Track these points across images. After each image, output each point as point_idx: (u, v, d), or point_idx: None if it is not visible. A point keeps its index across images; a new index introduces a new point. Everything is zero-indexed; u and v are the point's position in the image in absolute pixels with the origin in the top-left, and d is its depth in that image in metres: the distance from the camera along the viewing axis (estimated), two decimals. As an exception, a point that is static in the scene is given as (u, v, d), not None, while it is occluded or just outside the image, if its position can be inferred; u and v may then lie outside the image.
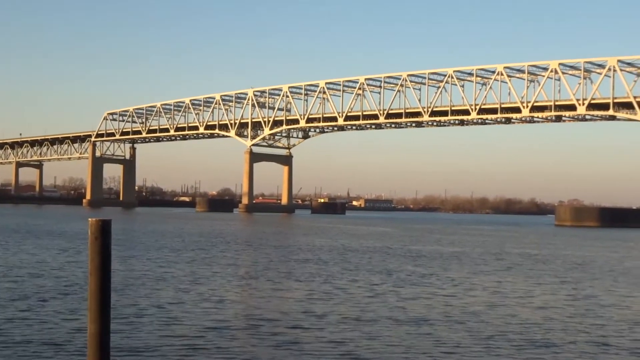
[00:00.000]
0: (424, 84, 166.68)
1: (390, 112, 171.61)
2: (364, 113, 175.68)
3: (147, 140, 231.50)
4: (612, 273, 40.07)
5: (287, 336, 18.70)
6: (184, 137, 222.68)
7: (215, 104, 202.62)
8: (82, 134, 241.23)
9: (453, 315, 23.05)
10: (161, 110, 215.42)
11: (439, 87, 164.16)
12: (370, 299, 26.26)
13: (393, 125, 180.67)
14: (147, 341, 17.55)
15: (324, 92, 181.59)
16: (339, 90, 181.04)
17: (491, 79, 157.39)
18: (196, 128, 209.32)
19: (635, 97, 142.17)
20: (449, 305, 25.17)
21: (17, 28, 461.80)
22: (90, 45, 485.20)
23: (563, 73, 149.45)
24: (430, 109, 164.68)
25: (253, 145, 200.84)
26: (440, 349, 17.69)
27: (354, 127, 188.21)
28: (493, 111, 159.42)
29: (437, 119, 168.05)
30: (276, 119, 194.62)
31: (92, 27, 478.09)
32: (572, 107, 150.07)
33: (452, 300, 26.70)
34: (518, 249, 61.16)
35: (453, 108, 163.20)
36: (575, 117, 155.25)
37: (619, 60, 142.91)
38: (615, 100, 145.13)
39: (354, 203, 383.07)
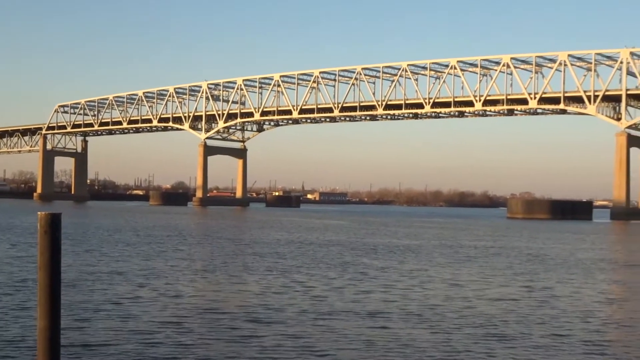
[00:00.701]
0: (378, 77, 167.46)
1: (345, 105, 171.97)
2: (319, 106, 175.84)
3: (99, 133, 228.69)
4: (565, 265, 40.57)
5: (245, 330, 18.50)
6: (137, 130, 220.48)
7: (169, 96, 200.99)
8: (32, 127, 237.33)
9: (411, 307, 23.06)
10: (114, 102, 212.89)
11: (393, 81, 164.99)
12: (327, 292, 26.16)
13: (347, 119, 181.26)
14: (102, 337, 17.20)
15: (279, 85, 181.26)
16: (294, 84, 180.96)
17: (445, 72, 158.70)
18: (150, 121, 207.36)
19: (585, 92, 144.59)
20: (406, 298, 25.19)
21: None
22: (40, 37, 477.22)
23: (515, 67, 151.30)
24: (384, 103, 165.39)
25: (207, 138, 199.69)
26: (398, 341, 17.65)
27: (308, 121, 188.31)
28: (447, 105, 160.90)
29: (392, 112, 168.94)
30: (230, 112, 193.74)
31: (41, 18, 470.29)
32: (523, 101, 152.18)
33: (410, 292, 26.73)
34: (472, 241, 61.70)
35: (407, 101, 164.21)
36: (527, 110, 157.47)
37: (569, 55, 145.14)
38: (566, 95, 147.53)
39: (309, 196, 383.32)
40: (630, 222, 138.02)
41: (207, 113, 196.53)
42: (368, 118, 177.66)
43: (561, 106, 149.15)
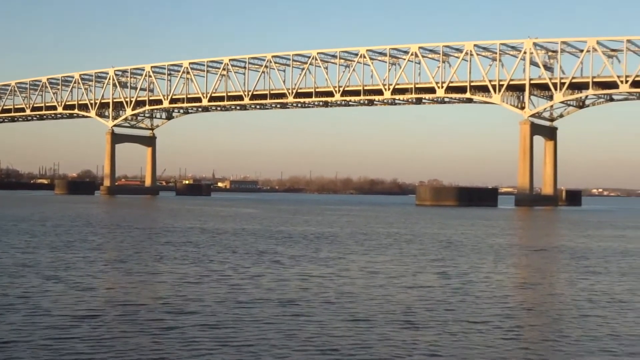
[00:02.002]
0: (289, 65, 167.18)
1: (255, 93, 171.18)
2: (229, 94, 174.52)
3: (1, 120, 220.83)
4: (477, 250, 41.42)
5: (163, 322, 18.10)
6: (42, 117, 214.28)
7: (75, 83, 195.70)
8: None
9: (328, 295, 23.08)
10: (16, 89, 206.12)
11: (303, 69, 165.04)
12: (244, 281, 25.94)
13: (258, 107, 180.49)
14: (10, 334, 16.51)
15: (188, 73, 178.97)
16: (203, 71, 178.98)
17: (354, 61, 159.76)
18: (54, 108, 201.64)
19: (490, 81, 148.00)
20: (323, 286, 25.20)
21: None
22: None
23: (423, 57, 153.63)
24: (294, 91, 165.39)
25: (115, 126, 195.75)
26: (315, 330, 17.61)
27: (218, 108, 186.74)
28: (356, 93, 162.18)
29: (302, 100, 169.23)
30: (139, 99, 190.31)
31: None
32: (431, 90, 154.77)
33: (326, 281, 26.76)
34: (385, 229, 62.38)
35: (317, 90, 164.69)
36: (435, 99, 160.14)
37: (475, 45, 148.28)
38: (472, 84, 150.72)
39: (220, 184, 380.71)
40: (533, 208, 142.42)
41: (115, 100, 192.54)
42: (278, 106, 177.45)
43: (467, 95, 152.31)
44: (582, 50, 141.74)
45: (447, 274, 29.67)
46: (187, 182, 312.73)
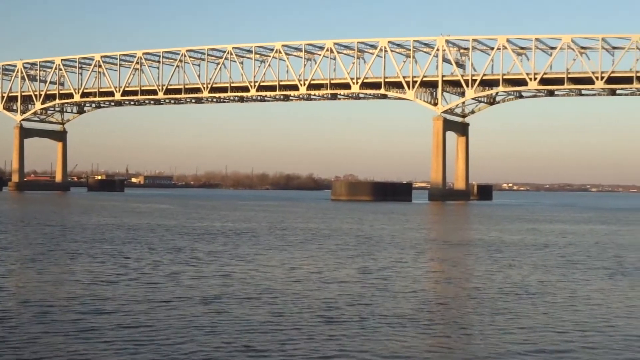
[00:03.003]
0: (204, 59, 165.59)
1: (169, 87, 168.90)
2: (143, 88, 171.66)
3: None
4: (396, 245, 41.86)
5: (79, 323, 17.56)
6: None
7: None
8: None
9: (248, 292, 22.90)
10: None
11: (218, 64, 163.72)
12: (162, 279, 25.50)
13: (172, 101, 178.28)
14: None
15: (100, 66, 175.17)
16: (116, 65, 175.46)
17: (270, 56, 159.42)
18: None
19: (404, 77, 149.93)
20: (243, 282, 25.01)
21: None
22: None
23: (338, 52, 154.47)
24: (209, 86, 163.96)
25: (23, 120, 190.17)
26: (237, 327, 17.43)
27: (132, 103, 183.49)
28: (272, 88, 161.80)
29: (217, 95, 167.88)
30: (48, 92, 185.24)
31: None
32: (346, 86, 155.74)
33: (246, 277, 26.57)
34: (303, 224, 62.44)
35: (233, 85, 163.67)
36: (350, 95, 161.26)
37: (389, 42, 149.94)
38: (387, 80, 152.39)
39: (133, 180, 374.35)
40: (446, 202, 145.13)
41: (23, 94, 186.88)
42: (193, 101, 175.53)
43: (382, 91, 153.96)
44: (492, 48, 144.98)
45: (367, 268, 29.86)
46: (99, 177, 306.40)
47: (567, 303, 21.88)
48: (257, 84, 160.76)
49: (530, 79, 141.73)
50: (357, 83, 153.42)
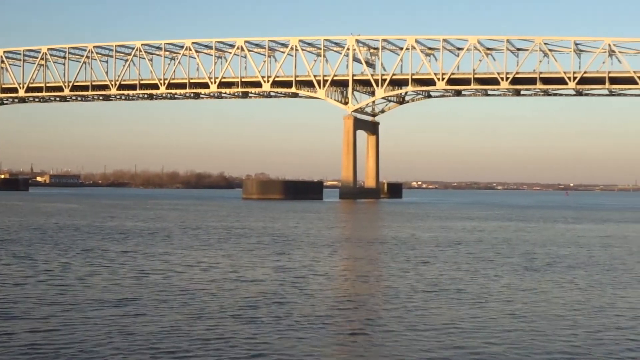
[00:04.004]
0: (111, 56, 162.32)
1: (75, 84, 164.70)
2: (48, 85, 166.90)
3: None
4: (311, 244, 41.92)
5: (-10, 328, 16.96)
6: None
7: None
8: None
9: (164, 293, 22.52)
10: None
11: (127, 60, 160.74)
12: (73, 281, 24.81)
13: (79, 98, 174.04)
14: None
15: (2, 62, 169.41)
16: (19, 60, 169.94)
17: (180, 54, 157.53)
18: None
19: (315, 76, 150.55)
20: (158, 283, 24.59)
21: None
22: None
23: (249, 50, 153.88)
24: (118, 83, 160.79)
25: None
26: (153, 328, 17.14)
27: (36, 99, 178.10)
28: (182, 86, 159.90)
29: (126, 92, 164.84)
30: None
31: None
32: (257, 84, 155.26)
33: (161, 277, 26.13)
34: (217, 223, 61.89)
35: (142, 82, 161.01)
36: (261, 93, 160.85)
37: (300, 40, 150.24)
38: (298, 79, 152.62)
39: (39, 179, 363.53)
40: (357, 200, 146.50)
41: None
42: (101, 98, 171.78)
43: (293, 90, 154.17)
44: (401, 48, 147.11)
45: (282, 267, 29.81)
46: (2, 176, 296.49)
47: (479, 299, 22.32)
48: (167, 82, 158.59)
49: (438, 79, 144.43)
50: (268, 81, 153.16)
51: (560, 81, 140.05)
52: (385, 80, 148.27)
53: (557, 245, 43.55)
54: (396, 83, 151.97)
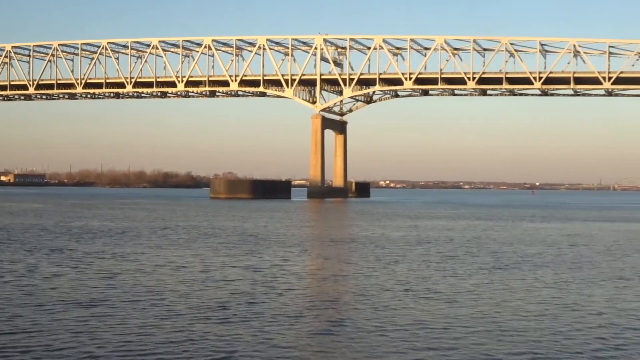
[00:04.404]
0: (77, 54, 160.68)
1: (40, 82, 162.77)
2: (12, 83, 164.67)
3: None
4: (282, 243, 41.83)
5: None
6: None
7: None
8: None
9: (133, 293, 22.30)
10: None
11: (92, 59, 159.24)
12: (40, 282, 24.48)
13: (44, 97, 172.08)
14: None
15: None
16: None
17: (147, 52, 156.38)
18: None
19: (283, 75, 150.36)
20: (127, 284, 24.33)
21: None
22: None
23: (216, 49, 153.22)
24: (84, 81, 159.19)
25: None
26: (123, 330, 16.96)
27: (1, 98, 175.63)
28: (149, 85, 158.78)
29: (92, 91, 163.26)
30: None
31: None
32: (225, 83, 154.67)
33: (130, 278, 25.87)
34: (186, 222, 61.47)
35: (108, 81, 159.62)
36: (229, 92, 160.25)
37: (268, 40, 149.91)
38: (265, 78, 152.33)
39: (2, 178, 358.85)
40: (325, 200, 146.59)
41: None
42: (67, 97, 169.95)
43: (261, 89, 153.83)
44: (369, 48, 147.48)
45: (253, 267, 29.70)
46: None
47: (448, 298, 22.40)
48: (133, 81, 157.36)
49: (406, 79, 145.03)
50: (235, 81, 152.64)
51: (526, 81, 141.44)
52: (352, 79, 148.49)
53: (525, 244, 43.93)
54: (364, 82, 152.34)
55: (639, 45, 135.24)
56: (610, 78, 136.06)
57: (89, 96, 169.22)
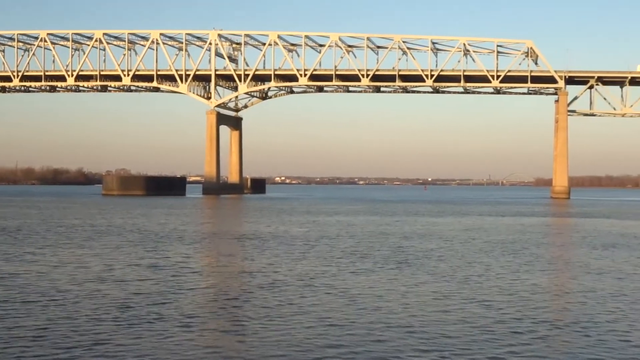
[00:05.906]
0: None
1: None
2: None
3: None
4: (181, 240, 41.34)
5: None
6: None
7: None
8: None
9: (32, 295, 21.56)
10: None
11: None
12: None
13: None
14: None
15: None
16: None
17: (35, 45, 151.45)
18: None
19: (177, 70, 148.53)
20: (25, 285, 23.49)
21: None
22: None
23: (108, 43, 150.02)
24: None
25: None
26: (18, 332, 16.46)
27: None
28: (37, 79, 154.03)
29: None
30: None
31: None
32: (117, 78, 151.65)
33: (28, 278, 25.00)
34: (80, 220, 59.82)
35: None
36: (121, 87, 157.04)
37: (161, 34, 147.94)
38: (159, 73, 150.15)
39: None
40: (220, 196, 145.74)
41: None
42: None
43: (154, 84, 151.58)
44: (264, 44, 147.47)
45: (153, 265, 29.24)
46: None
47: (350, 295, 22.50)
48: (20, 74, 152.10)
49: (301, 75, 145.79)
50: (128, 75, 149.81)
51: (418, 79, 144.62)
52: (248, 75, 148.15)
53: (424, 238, 44.88)
54: (259, 78, 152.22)
55: (525, 45, 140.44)
56: (498, 76, 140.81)
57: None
